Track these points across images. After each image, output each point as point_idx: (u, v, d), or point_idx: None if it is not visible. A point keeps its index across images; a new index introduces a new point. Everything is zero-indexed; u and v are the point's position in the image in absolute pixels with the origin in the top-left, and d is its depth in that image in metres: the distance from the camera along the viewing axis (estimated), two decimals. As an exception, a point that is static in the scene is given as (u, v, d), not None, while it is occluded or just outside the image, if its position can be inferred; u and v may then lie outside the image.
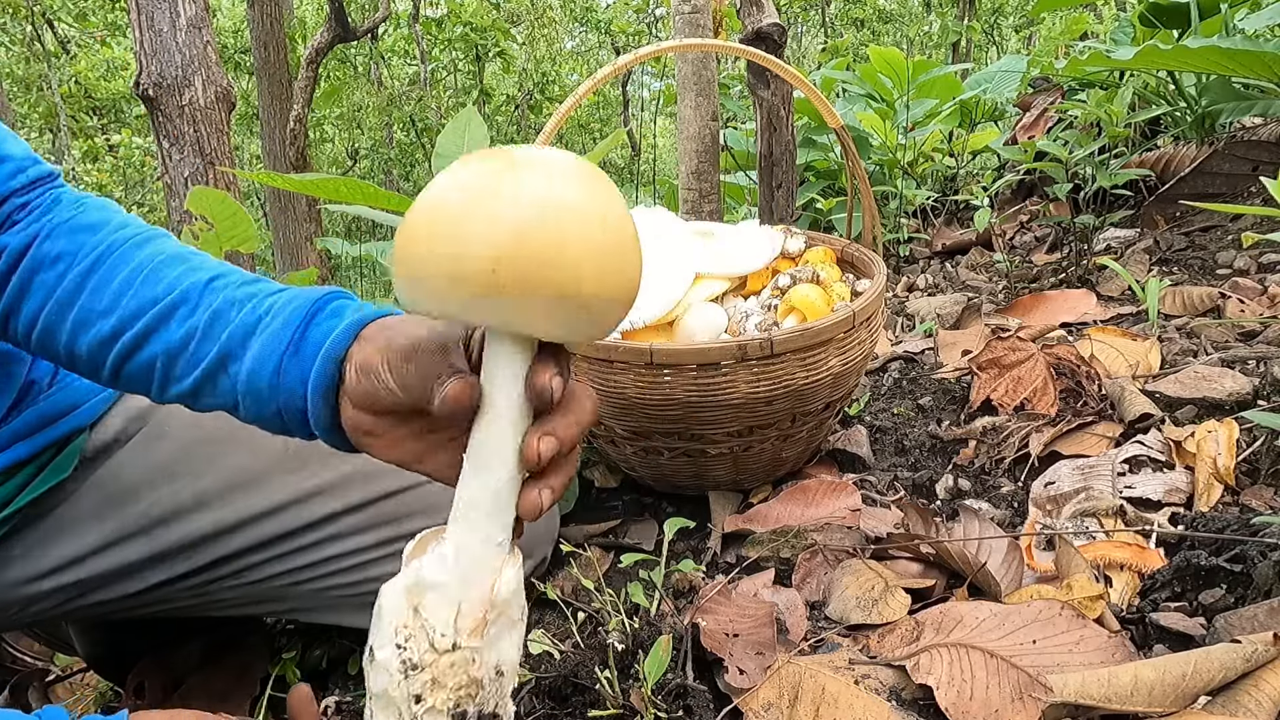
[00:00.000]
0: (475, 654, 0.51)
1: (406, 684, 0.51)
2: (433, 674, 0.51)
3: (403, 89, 13.71)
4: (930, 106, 3.12)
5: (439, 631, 0.51)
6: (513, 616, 0.54)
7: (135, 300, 0.72)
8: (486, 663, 0.52)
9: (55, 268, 0.75)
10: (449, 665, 0.51)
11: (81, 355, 0.74)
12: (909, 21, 13.56)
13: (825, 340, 1.05)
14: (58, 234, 0.76)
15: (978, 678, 0.75)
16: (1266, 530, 0.85)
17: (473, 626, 0.52)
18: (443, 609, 0.51)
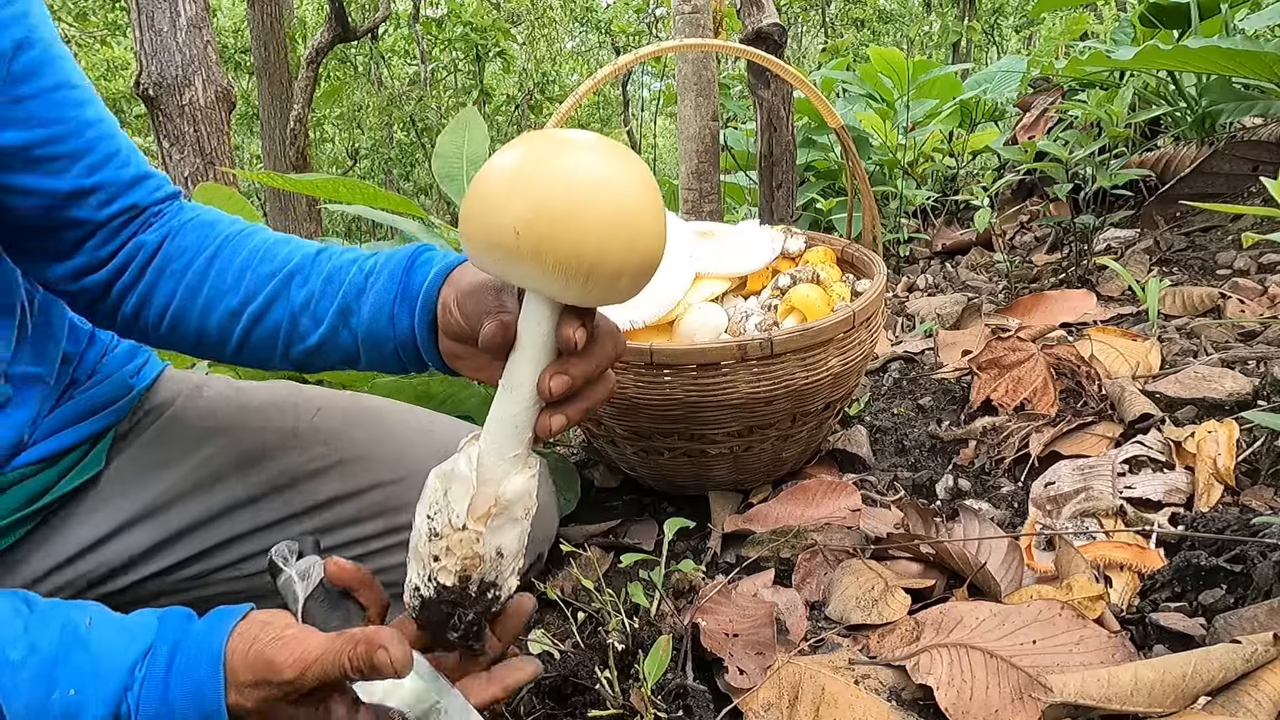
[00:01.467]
0: (479, 536, 0.65)
1: (429, 546, 0.66)
2: (447, 543, 0.65)
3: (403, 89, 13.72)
4: (930, 106, 3.13)
5: (455, 513, 0.65)
6: (515, 515, 0.66)
7: (255, 276, 0.84)
8: (489, 544, 0.65)
9: (183, 258, 0.86)
10: (459, 540, 0.65)
11: (211, 331, 0.85)
12: (909, 21, 13.56)
13: (825, 340, 1.05)
14: (184, 231, 0.88)
15: (978, 678, 0.75)
16: (1266, 530, 0.85)
17: (479, 515, 0.65)
18: (461, 497, 0.65)
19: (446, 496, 0.65)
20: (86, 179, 0.82)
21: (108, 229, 0.86)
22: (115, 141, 0.86)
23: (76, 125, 0.81)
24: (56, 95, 0.80)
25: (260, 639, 0.66)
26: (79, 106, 0.82)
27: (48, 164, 0.80)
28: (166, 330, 0.88)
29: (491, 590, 0.67)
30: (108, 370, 0.99)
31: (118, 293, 0.88)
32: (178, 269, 0.86)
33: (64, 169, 0.81)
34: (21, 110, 0.77)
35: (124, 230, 0.87)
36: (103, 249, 0.86)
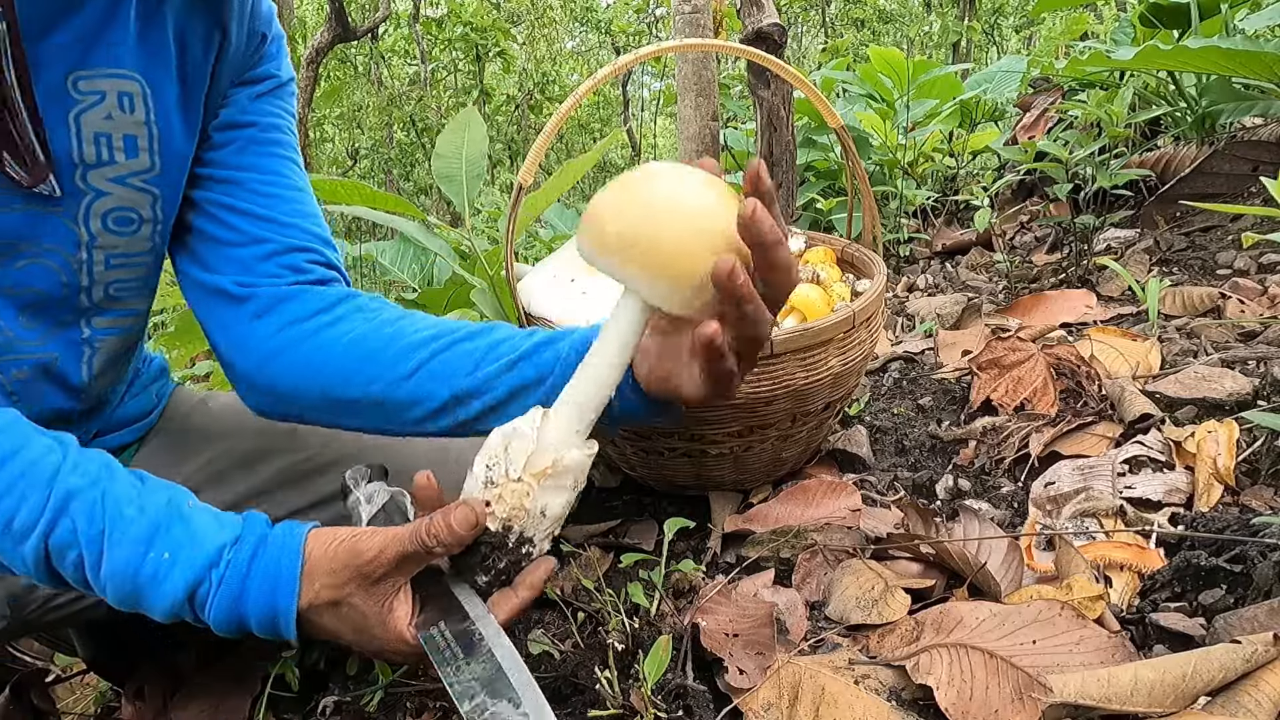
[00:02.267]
0: (531, 490, 0.70)
1: (484, 492, 0.72)
2: (500, 491, 0.71)
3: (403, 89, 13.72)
4: (930, 107, 3.13)
5: (513, 465, 0.71)
6: (565, 482, 0.72)
7: (451, 324, 0.91)
8: (537, 501, 0.71)
9: (371, 309, 0.95)
10: (511, 491, 0.71)
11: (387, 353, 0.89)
12: (909, 22, 13.56)
13: (825, 340, 1.05)
14: (374, 301, 0.97)
15: (978, 678, 0.75)
16: (1266, 530, 0.85)
17: (535, 472, 0.71)
18: (521, 453, 0.71)
19: (507, 451, 0.71)
20: (289, 218, 0.95)
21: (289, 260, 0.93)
22: (317, 209, 0.99)
23: (297, 187, 0.97)
24: (286, 163, 0.97)
25: (340, 534, 0.73)
26: (300, 176, 0.98)
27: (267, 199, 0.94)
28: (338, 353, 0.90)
29: (527, 545, 0.73)
30: (139, 387, 1.07)
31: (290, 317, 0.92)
32: (368, 314, 0.93)
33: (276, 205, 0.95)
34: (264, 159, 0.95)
35: (309, 271, 0.95)
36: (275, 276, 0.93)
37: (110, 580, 0.72)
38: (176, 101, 0.87)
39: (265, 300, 0.92)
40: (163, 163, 0.88)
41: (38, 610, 0.94)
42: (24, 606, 0.93)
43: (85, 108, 0.80)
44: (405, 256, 2.47)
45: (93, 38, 0.79)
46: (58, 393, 0.91)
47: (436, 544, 0.70)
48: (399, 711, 0.92)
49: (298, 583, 0.72)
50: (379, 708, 0.94)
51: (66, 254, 0.85)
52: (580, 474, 0.73)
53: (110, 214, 0.87)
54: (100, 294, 0.90)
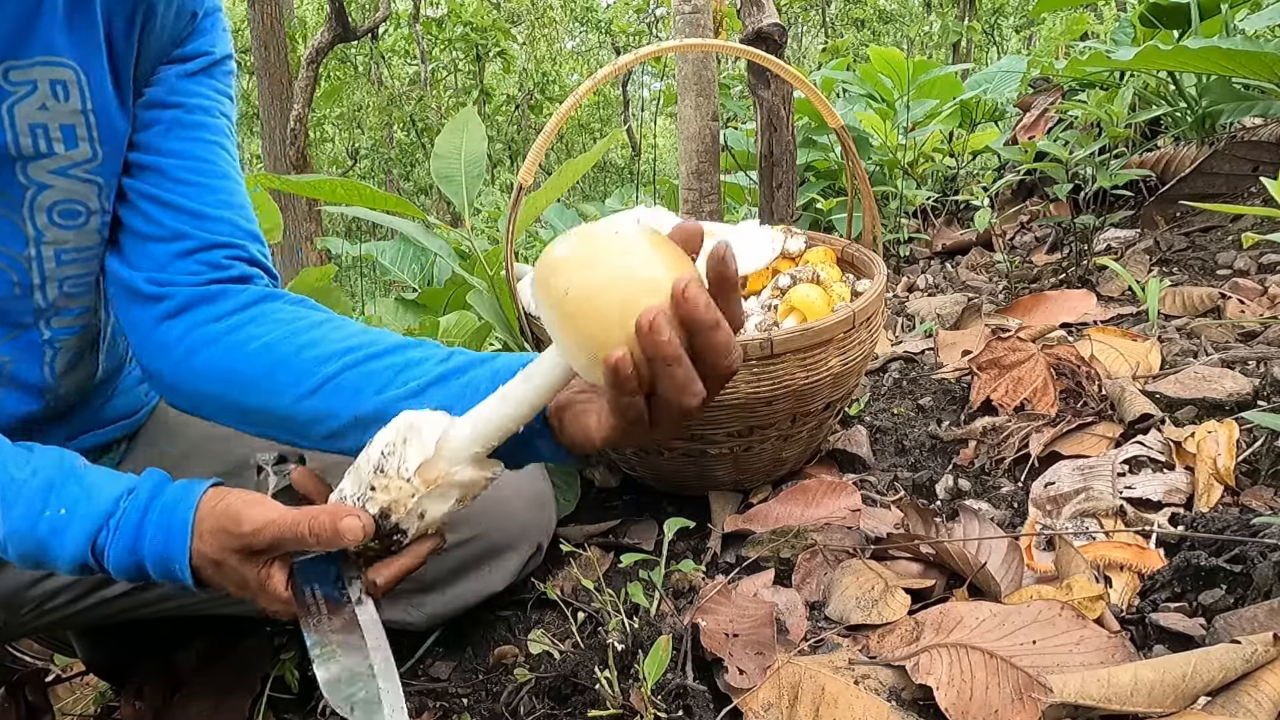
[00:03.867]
0: (416, 493, 0.72)
1: (372, 476, 0.72)
2: (388, 482, 0.72)
3: (403, 89, 13.71)
4: (930, 107, 3.12)
5: (406, 465, 0.71)
6: (452, 495, 0.73)
7: (371, 336, 0.86)
8: (419, 502, 0.72)
9: (290, 311, 0.90)
10: (398, 487, 0.72)
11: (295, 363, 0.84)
12: (909, 22, 13.56)
13: (825, 340, 1.05)
14: (298, 303, 0.92)
15: (978, 678, 0.75)
16: (1266, 531, 0.85)
17: (425, 478, 0.71)
18: (416, 456, 0.71)
19: (405, 445, 0.72)
20: (213, 209, 0.90)
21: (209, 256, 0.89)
22: (247, 200, 0.94)
23: (226, 174, 0.92)
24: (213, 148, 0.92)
25: (231, 497, 0.74)
26: (231, 162, 0.93)
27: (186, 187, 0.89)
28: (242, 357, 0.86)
29: (398, 535, 0.74)
30: (128, 384, 1.05)
31: (204, 317, 0.88)
32: (283, 318, 0.88)
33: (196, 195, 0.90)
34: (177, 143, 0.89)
35: (229, 268, 0.90)
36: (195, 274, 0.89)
37: (10, 540, 0.74)
38: (112, 87, 0.84)
39: (179, 300, 0.88)
40: (104, 151, 0.85)
41: (32, 612, 0.94)
42: (18, 608, 0.93)
43: (18, 99, 0.79)
44: (405, 256, 2.47)
45: (22, 27, 0.77)
46: (18, 395, 0.90)
47: (315, 541, 0.71)
48: (399, 711, 0.92)
49: (189, 531, 0.74)
50: (379, 708, 0.93)
51: (15, 252, 0.84)
52: (470, 491, 0.74)
53: (55, 207, 0.85)
54: (55, 291, 0.88)
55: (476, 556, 1.01)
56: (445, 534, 0.78)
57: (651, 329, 0.60)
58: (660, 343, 0.60)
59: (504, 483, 1.02)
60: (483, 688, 0.93)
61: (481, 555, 1.02)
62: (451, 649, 1.02)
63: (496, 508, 1.02)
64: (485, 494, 0.78)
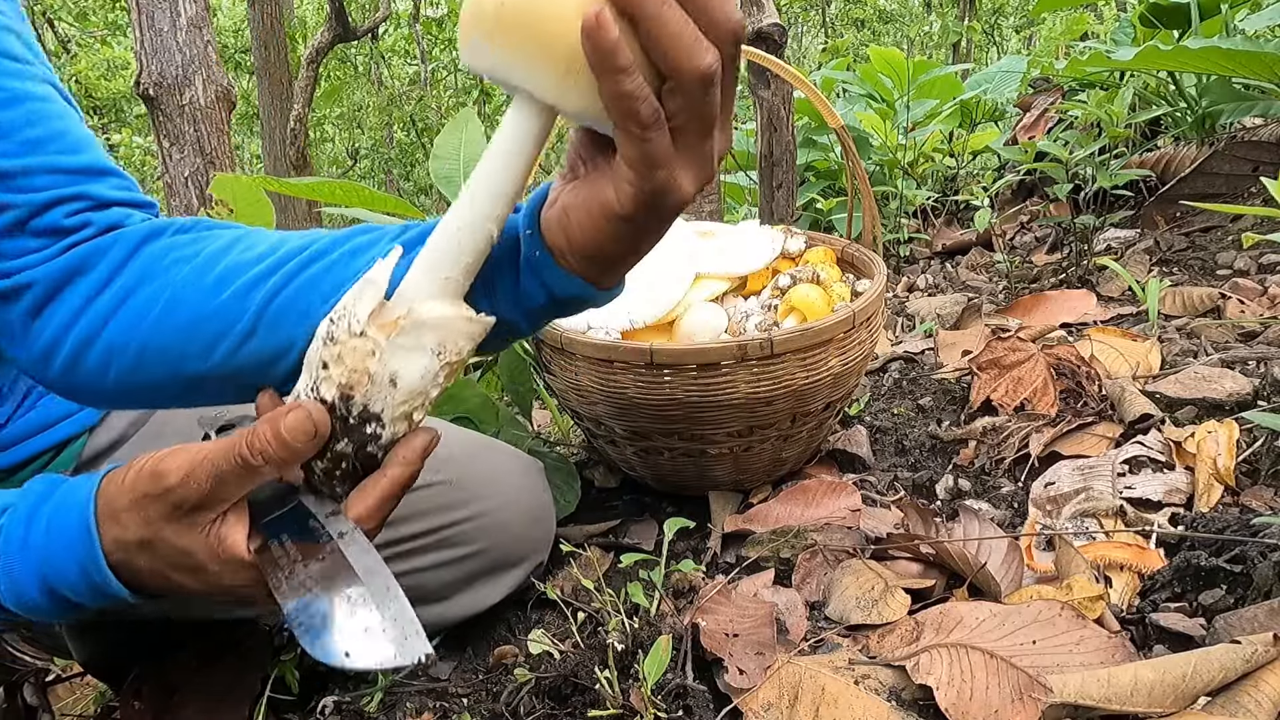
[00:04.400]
0: (376, 349, 0.55)
1: (323, 351, 0.57)
2: (340, 349, 0.56)
3: (403, 89, 13.71)
4: (930, 107, 3.12)
5: (357, 317, 0.56)
6: (425, 342, 0.56)
7: (302, 239, 0.69)
8: (385, 364, 0.56)
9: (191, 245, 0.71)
10: (353, 348, 0.56)
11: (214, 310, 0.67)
12: (909, 22, 13.56)
13: (825, 340, 1.05)
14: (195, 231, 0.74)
15: (978, 678, 0.75)
16: (1266, 531, 0.85)
17: (381, 324, 0.56)
18: (367, 300, 0.56)
19: (355, 301, 0.57)
20: (17, 158, 0.69)
21: (46, 220, 0.70)
22: (64, 124, 0.72)
23: (12, 96, 0.69)
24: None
25: (139, 460, 0.59)
26: (20, 79, 0.70)
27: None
28: (145, 334, 0.69)
29: (371, 423, 0.57)
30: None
31: (79, 300, 0.70)
32: (183, 255, 0.70)
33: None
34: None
35: (81, 225, 0.71)
36: (40, 250, 0.70)
37: None
38: None
39: (40, 288, 0.69)
40: None
41: None
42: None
43: None
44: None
45: None
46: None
47: (262, 460, 0.55)
48: (399, 711, 0.92)
49: (92, 524, 0.58)
50: (379, 708, 0.94)
51: None
52: (450, 335, 0.57)
53: None
54: None
55: (475, 573, 1.00)
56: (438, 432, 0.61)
57: (598, 25, 0.46)
58: (608, 40, 0.46)
59: (504, 495, 1.02)
60: (483, 688, 0.93)
61: (481, 572, 1.00)
62: (451, 649, 1.02)
63: (497, 523, 0.99)
64: (484, 507, 0.71)
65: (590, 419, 1.17)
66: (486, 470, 1.02)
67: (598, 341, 1.06)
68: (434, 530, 0.96)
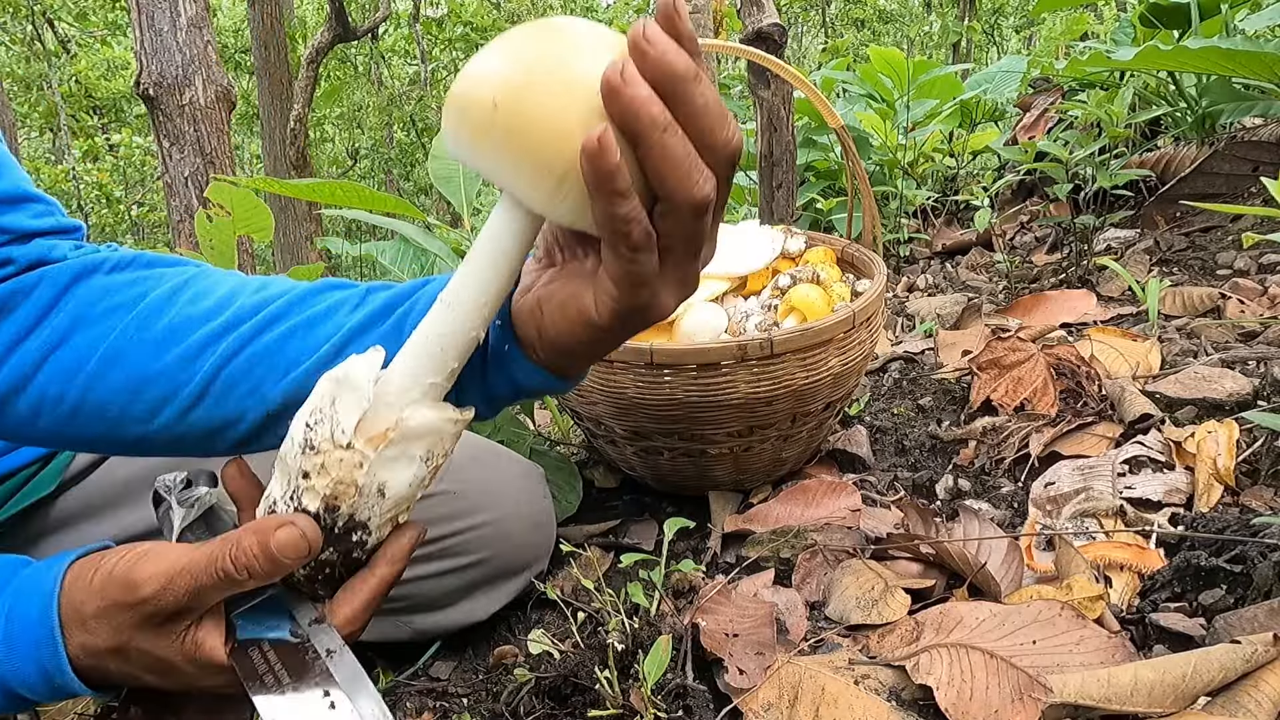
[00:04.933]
0: (365, 461, 0.53)
1: (301, 459, 0.54)
2: (324, 460, 0.54)
3: (403, 89, 13.71)
4: (930, 107, 3.12)
5: (341, 427, 0.53)
6: (413, 452, 0.55)
7: (258, 297, 0.66)
8: (373, 476, 0.54)
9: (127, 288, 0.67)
10: (338, 460, 0.54)
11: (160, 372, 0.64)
12: (909, 22, 13.56)
13: (825, 340, 1.05)
14: (130, 268, 0.69)
15: (978, 678, 0.75)
16: (1266, 531, 0.85)
17: (369, 436, 0.53)
18: (353, 411, 0.53)
19: (334, 405, 0.54)
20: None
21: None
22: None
23: None
24: None
25: (108, 561, 0.55)
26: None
27: None
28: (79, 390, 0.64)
29: (358, 532, 0.55)
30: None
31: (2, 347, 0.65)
32: (119, 302, 0.65)
33: None
34: None
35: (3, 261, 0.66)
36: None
37: None
38: None
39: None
40: None
41: None
42: None
43: None
44: (405, 256, 2.47)
45: None
46: None
47: (247, 575, 0.52)
48: (399, 711, 0.92)
49: (57, 636, 0.54)
50: (379, 708, 0.93)
51: None
52: (437, 443, 0.56)
53: None
54: None
55: (476, 582, 0.99)
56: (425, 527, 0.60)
57: (627, 82, 0.44)
58: (639, 99, 0.44)
59: (505, 502, 1.01)
60: (483, 688, 0.93)
61: (480, 581, 0.99)
62: (451, 649, 1.02)
63: (498, 531, 0.99)
64: (485, 516, 0.69)
65: (590, 419, 1.17)
66: (488, 477, 1.01)
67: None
68: (435, 540, 0.95)
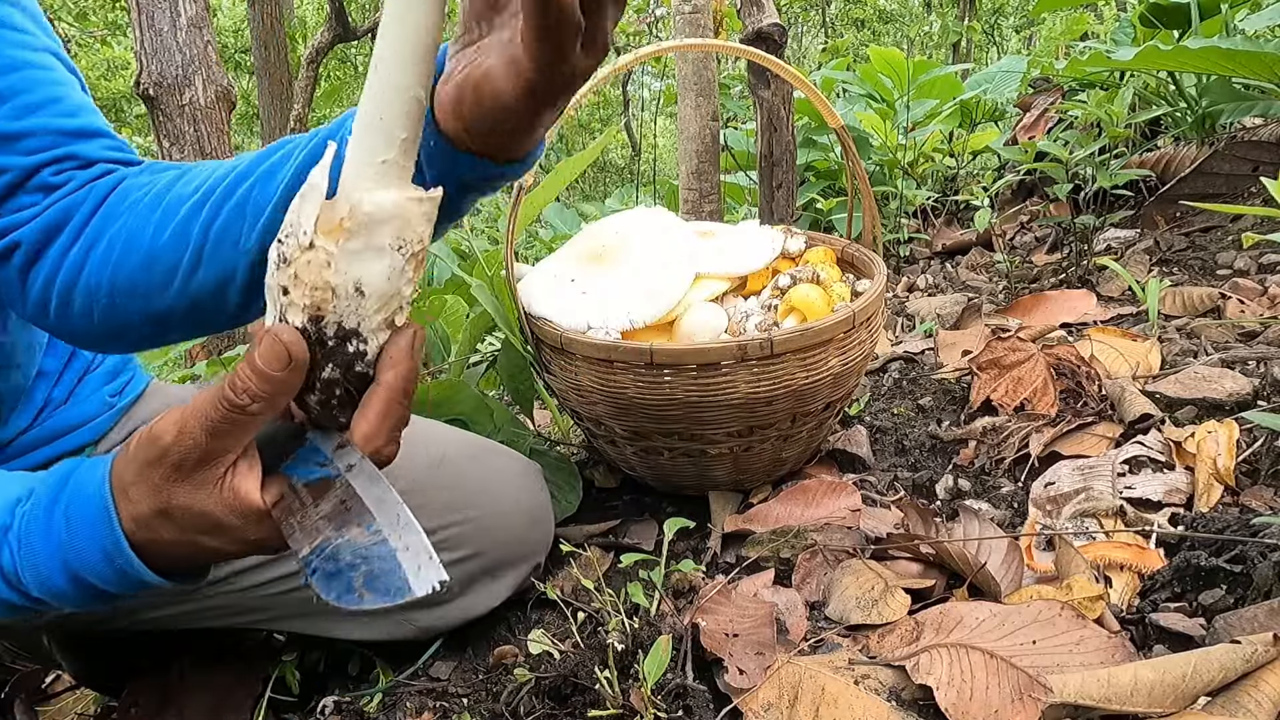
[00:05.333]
0: (330, 259, 0.51)
1: (278, 275, 0.53)
2: (295, 269, 0.52)
3: (403, 89, 13.68)
4: (930, 107, 3.12)
5: (302, 228, 0.52)
6: (380, 241, 0.52)
7: (225, 168, 0.73)
8: (345, 273, 0.52)
9: (142, 187, 0.76)
10: (306, 263, 0.51)
11: (163, 247, 0.72)
12: (909, 22, 13.56)
13: (825, 340, 1.05)
14: (148, 170, 0.79)
15: (977, 678, 0.75)
16: (1266, 531, 0.85)
17: (328, 229, 0.51)
18: (310, 207, 0.51)
19: (298, 214, 0.52)
20: (15, 121, 0.73)
21: (39, 179, 0.75)
22: (60, 90, 0.77)
23: (12, 63, 0.74)
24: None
25: (138, 432, 0.57)
26: (21, 48, 0.75)
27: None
28: (111, 276, 0.74)
29: (353, 340, 0.54)
30: (86, 391, 0.96)
31: (58, 251, 0.75)
32: (135, 198, 0.75)
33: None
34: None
35: (65, 181, 0.76)
36: (33, 205, 0.75)
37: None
38: None
39: (30, 242, 0.74)
40: None
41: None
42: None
43: None
44: (405, 256, 2.47)
45: None
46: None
47: (248, 399, 0.52)
48: (399, 711, 0.92)
49: (110, 508, 0.57)
50: (379, 708, 0.94)
51: None
52: (404, 226, 0.53)
53: None
54: None
55: (474, 575, 0.99)
56: (422, 327, 0.58)
57: None
58: None
59: (503, 497, 1.01)
60: (483, 688, 0.93)
61: (479, 573, 1.00)
62: (451, 649, 1.02)
63: (495, 525, 0.99)
64: (483, 510, 0.69)
65: (590, 419, 1.17)
66: (484, 473, 1.01)
67: (598, 341, 1.06)
68: (432, 533, 0.95)
